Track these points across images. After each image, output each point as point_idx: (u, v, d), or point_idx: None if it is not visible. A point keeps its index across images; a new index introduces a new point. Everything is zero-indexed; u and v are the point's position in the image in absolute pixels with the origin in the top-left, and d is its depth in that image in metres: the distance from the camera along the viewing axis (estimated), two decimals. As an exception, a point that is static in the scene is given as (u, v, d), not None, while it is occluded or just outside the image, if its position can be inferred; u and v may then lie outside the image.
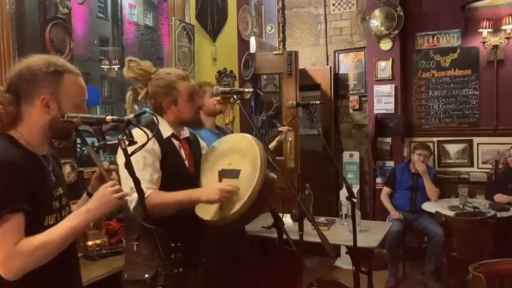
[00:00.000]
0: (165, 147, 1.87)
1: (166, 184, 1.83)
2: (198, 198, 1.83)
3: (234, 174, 1.87)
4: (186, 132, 2.04)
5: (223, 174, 1.91)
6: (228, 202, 1.81)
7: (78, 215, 1.32)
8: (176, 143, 1.95)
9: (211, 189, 1.82)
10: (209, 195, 1.80)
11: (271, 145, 3.04)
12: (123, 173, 1.48)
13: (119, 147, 1.34)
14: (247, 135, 2.05)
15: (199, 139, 2.18)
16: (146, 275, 1.78)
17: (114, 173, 1.46)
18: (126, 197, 1.39)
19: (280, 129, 3.15)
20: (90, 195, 1.55)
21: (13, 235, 1.22)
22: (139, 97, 1.95)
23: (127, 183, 1.46)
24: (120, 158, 1.72)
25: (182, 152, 1.96)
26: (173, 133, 1.94)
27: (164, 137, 1.90)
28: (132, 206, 1.70)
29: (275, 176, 1.91)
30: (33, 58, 1.38)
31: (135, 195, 1.60)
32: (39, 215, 1.31)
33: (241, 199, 1.78)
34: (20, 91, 1.35)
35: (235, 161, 1.92)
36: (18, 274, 1.22)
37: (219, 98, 2.65)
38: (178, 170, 1.91)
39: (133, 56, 1.99)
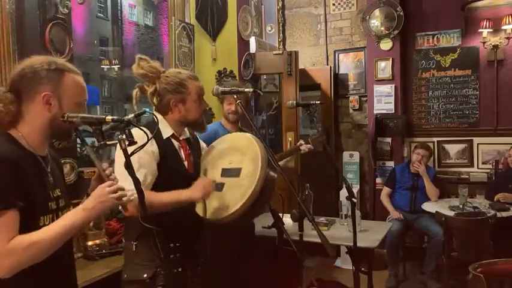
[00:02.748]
0: (164, 147, 1.86)
1: (165, 185, 1.81)
2: (186, 199, 1.80)
3: (235, 173, 1.87)
4: (186, 133, 2.04)
5: (224, 173, 1.90)
6: (230, 200, 1.80)
7: (73, 214, 1.32)
8: (176, 143, 1.95)
9: (194, 188, 1.81)
10: (192, 194, 1.80)
11: (282, 162, 2.95)
12: (118, 172, 1.47)
13: (117, 146, 1.33)
14: (247, 133, 2.05)
15: (200, 140, 2.18)
16: (145, 275, 1.77)
17: (114, 174, 1.46)
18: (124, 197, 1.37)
19: (302, 148, 3.00)
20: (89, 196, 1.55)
21: (6, 232, 1.20)
22: (148, 93, 1.95)
23: (122, 183, 1.45)
24: (117, 156, 1.73)
25: (182, 153, 1.96)
26: (173, 133, 1.94)
27: (164, 138, 1.89)
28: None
29: (275, 175, 1.90)
30: (34, 58, 1.40)
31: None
32: (34, 214, 1.30)
33: (243, 197, 1.77)
34: (22, 88, 1.35)
35: (236, 159, 1.92)
36: (10, 272, 1.20)
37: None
38: (178, 171, 1.91)
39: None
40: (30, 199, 1.27)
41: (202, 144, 2.17)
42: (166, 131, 1.91)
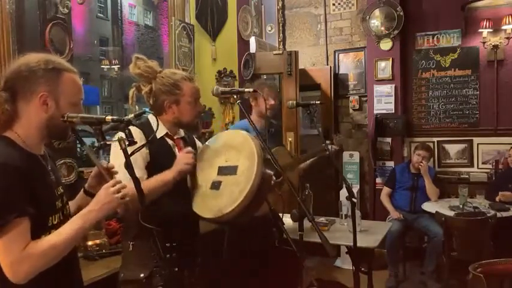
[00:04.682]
0: (156, 147, 1.84)
1: None
2: (171, 178, 1.78)
3: (231, 170, 1.86)
4: (181, 132, 2.03)
5: (221, 171, 1.89)
6: (228, 197, 1.79)
7: (81, 217, 1.32)
8: (170, 142, 1.94)
9: (177, 163, 1.81)
10: (174, 169, 1.78)
11: (307, 162, 3.03)
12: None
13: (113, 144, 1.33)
14: (242, 131, 2.04)
15: (195, 139, 2.17)
16: (141, 275, 1.76)
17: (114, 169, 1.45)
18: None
19: (333, 147, 3.00)
20: (86, 192, 1.55)
21: (21, 240, 1.22)
22: (143, 93, 1.94)
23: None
24: (113, 155, 1.73)
25: (176, 151, 1.95)
26: (167, 133, 1.93)
27: (158, 137, 1.87)
28: None
29: (272, 172, 1.90)
30: (30, 56, 1.36)
31: None
32: (44, 216, 1.31)
33: (241, 193, 1.75)
34: (17, 88, 1.32)
35: (232, 157, 1.90)
36: (26, 278, 1.22)
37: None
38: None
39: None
40: (38, 202, 1.27)
41: (199, 144, 2.16)
42: (160, 130, 1.89)
